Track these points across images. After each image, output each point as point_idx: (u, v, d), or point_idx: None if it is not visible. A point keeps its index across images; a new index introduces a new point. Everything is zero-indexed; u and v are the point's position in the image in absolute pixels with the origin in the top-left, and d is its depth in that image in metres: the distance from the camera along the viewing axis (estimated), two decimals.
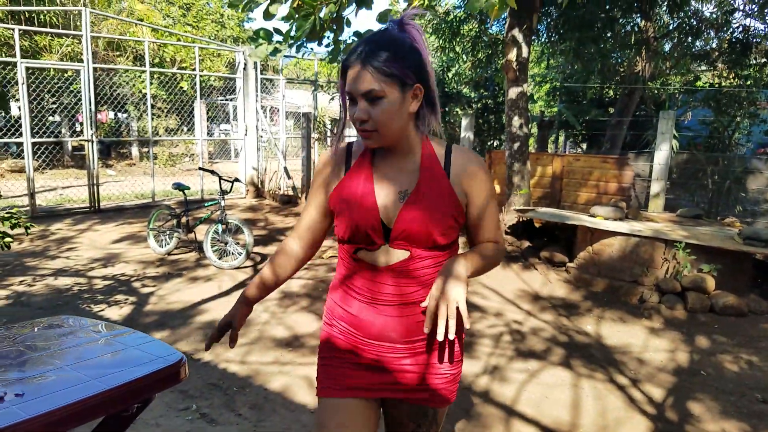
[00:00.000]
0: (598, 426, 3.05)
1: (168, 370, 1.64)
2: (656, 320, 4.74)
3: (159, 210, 6.47)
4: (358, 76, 1.35)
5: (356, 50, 1.37)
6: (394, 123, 1.39)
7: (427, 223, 1.41)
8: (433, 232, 1.42)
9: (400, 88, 1.37)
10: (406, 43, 1.38)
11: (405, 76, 1.36)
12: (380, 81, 1.34)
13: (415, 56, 1.38)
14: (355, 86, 1.36)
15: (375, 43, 1.36)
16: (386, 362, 1.50)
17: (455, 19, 10.29)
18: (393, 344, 1.49)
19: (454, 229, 1.47)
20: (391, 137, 1.42)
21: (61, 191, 11.15)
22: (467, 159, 1.50)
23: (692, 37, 10.39)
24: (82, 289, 5.07)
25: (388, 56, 1.34)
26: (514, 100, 6.41)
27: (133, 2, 16.60)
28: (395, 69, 1.35)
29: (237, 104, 10.59)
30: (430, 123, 1.47)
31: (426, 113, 1.45)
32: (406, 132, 1.45)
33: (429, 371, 1.51)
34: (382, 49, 1.35)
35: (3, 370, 1.65)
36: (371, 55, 1.34)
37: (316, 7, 4.92)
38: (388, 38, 1.38)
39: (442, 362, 1.51)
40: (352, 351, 1.53)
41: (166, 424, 2.89)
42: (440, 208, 1.43)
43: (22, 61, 8.00)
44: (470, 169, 1.49)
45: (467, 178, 1.48)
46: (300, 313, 4.63)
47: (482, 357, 3.92)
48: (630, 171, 6.91)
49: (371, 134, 1.40)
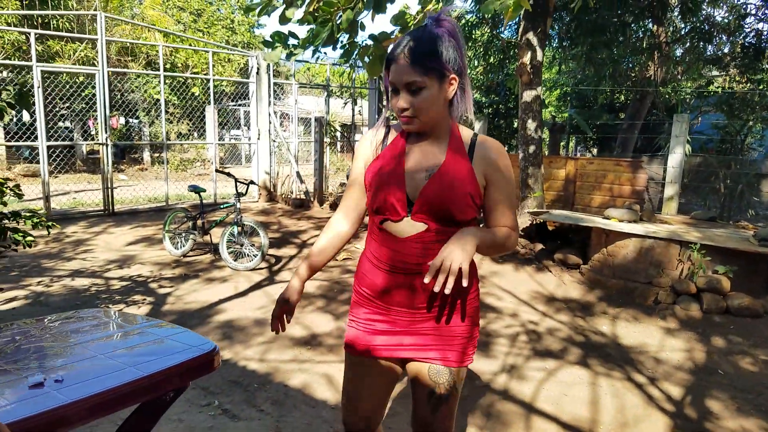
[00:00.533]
0: (617, 423, 3.06)
1: (202, 358, 1.68)
2: (671, 321, 4.74)
3: (174, 212, 6.53)
4: (402, 69, 1.51)
5: (399, 45, 1.53)
6: (432, 110, 1.55)
7: (445, 199, 1.55)
8: (451, 207, 1.55)
9: (439, 79, 1.52)
10: (444, 39, 1.53)
11: (443, 68, 1.52)
12: (421, 74, 1.50)
13: (451, 50, 1.53)
14: (398, 78, 1.53)
15: (417, 39, 1.52)
16: (404, 326, 1.67)
17: (467, 24, 10.34)
18: (410, 310, 1.65)
19: (471, 208, 1.59)
20: (428, 123, 1.58)
21: (74, 195, 11.26)
22: (490, 146, 1.63)
23: (704, 41, 10.38)
24: (99, 290, 5.13)
25: (428, 51, 1.50)
26: (528, 103, 6.44)
27: (145, 8, 16.77)
28: (435, 63, 1.50)
29: (250, 109, 10.66)
30: (462, 109, 1.61)
31: (458, 101, 1.60)
32: (441, 118, 1.60)
33: (443, 333, 1.66)
34: (422, 45, 1.50)
35: (41, 358, 1.69)
36: (413, 51, 1.50)
37: (333, 13, 4.97)
38: (428, 35, 1.52)
39: (455, 325, 1.66)
40: (375, 315, 1.70)
41: (188, 419, 2.93)
42: (459, 188, 1.56)
43: (38, 65, 8.11)
44: (492, 156, 1.62)
45: (488, 163, 1.61)
46: (316, 313, 4.67)
47: (499, 356, 3.93)
48: (644, 174, 6.91)
49: (411, 120, 1.57)
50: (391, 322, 1.68)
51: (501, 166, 1.61)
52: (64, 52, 14.24)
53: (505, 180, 1.62)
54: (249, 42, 23.12)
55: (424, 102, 1.53)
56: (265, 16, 5.27)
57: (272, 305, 4.84)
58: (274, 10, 5.21)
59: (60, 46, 14.25)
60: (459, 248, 1.47)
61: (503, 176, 1.62)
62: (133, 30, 15.34)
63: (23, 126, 12.78)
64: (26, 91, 3.27)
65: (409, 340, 1.67)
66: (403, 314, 1.66)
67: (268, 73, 10.15)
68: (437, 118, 1.58)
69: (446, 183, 1.56)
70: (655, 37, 10.42)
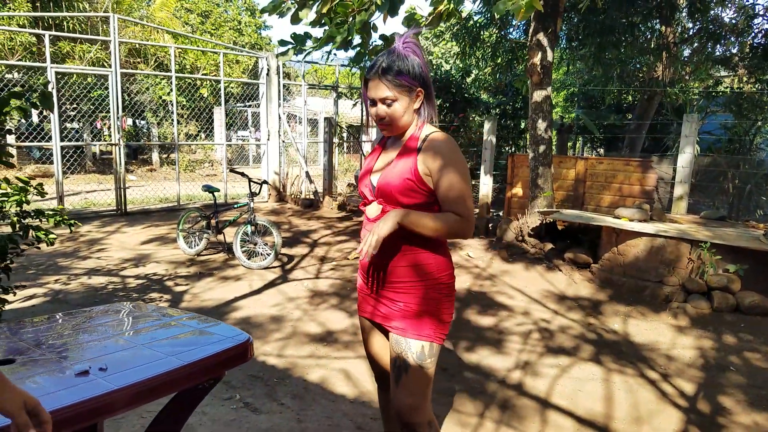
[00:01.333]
0: (631, 417, 3.11)
1: (238, 348, 1.74)
2: (682, 319, 4.78)
3: (188, 212, 6.61)
4: (377, 86, 1.86)
5: (374, 66, 1.86)
6: (404, 118, 1.90)
7: (390, 185, 1.88)
8: (394, 191, 1.88)
9: (408, 93, 1.87)
10: (410, 58, 1.87)
11: (411, 84, 1.86)
12: (393, 89, 1.85)
13: (417, 67, 1.87)
14: (375, 93, 1.88)
15: (388, 60, 1.85)
16: (374, 295, 2.01)
17: (475, 25, 10.38)
18: (378, 282, 1.98)
19: (415, 192, 1.87)
20: (401, 128, 1.94)
21: (85, 195, 11.36)
22: (432, 140, 1.89)
23: (713, 42, 10.39)
24: (116, 288, 5.21)
25: (397, 70, 1.84)
26: (538, 103, 6.49)
27: (154, 10, 16.88)
28: (404, 80, 1.85)
29: (260, 109, 10.73)
30: (428, 113, 1.96)
31: (425, 108, 1.94)
32: (410, 122, 1.94)
33: (403, 307, 1.93)
34: (393, 65, 1.84)
35: (82, 348, 1.76)
36: (386, 71, 1.84)
37: (348, 15, 5.04)
38: (396, 56, 1.86)
39: (414, 300, 1.91)
40: (363, 284, 2.07)
41: (212, 412, 2.99)
42: (403, 175, 1.87)
43: (52, 66, 8.21)
44: (431, 148, 1.87)
45: (428, 155, 1.87)
46: (331, 311, 4.73)
47: (513, 353, 3.98)
48: (653, 174, 6.95)
49: (387, 126, 1.93)
50: (369, 290, 2.04)
51: (440, 156, 1.85)
52: (75, 53, 14.36)
53: (444, 168, 1.84)
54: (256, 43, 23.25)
55: (396, 112, 1.87)
56: (277, 16, 5.34)
57: (286, 303, 4.92)
58: (287, 11, 5.28)
59: (70, 48, 14.37)
60: (380, 224, 1.79)
61: (442, 165, 1.84)
62: (142, 32, 15.46)
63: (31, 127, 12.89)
64: (49, 92, 3.35)
65: (381, 308, 1.99)
66: (374, 284, 2.00)
67: (278, 74, 10.23)
68: (408, 123, 1.93)
69: (392, 174, 1.89)
70: (664, 37, 10.44)
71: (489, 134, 7.81)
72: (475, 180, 8.72)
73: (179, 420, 1.83)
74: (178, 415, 1.80)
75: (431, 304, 1.92)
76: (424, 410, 1.93)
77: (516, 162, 7.88)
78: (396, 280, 1.94)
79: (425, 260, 1.91)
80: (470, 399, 3.28)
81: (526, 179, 7.33)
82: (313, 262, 6.31)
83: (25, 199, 3.51)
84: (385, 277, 1.96)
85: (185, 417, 1.83)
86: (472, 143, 11.33)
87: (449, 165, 1.84)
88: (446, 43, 16.20)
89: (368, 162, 2.07)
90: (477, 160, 9.73)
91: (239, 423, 2.89)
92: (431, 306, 1.92)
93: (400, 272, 1.93)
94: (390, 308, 1.96)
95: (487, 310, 4.91)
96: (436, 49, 17.85)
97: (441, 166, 1.84)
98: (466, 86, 12.08)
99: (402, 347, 1.91)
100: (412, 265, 1.91)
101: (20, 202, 3.46)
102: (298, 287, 5.38)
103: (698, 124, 7.00)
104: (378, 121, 1.92)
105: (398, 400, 1.92)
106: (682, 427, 3.04)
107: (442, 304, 1.93)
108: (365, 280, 2.06)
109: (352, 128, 14.17)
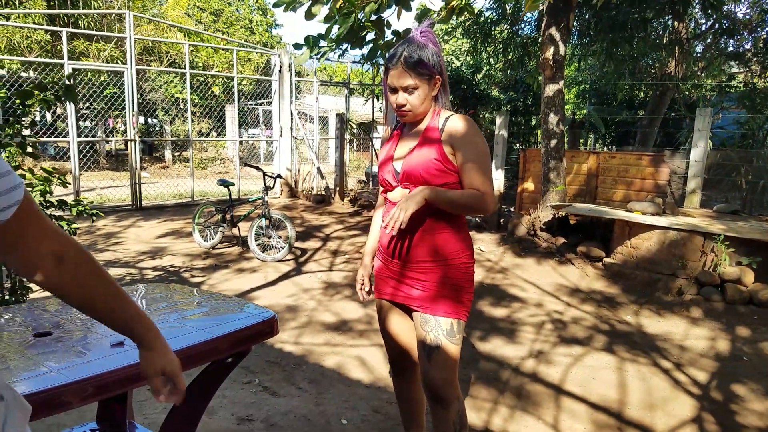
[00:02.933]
0: (645, 404, 3.14)
1: (264, 324, 1.80)
2: (695, 311, 4.79)
3: (203, 206, 6.70)
4: (399, 74, 1.92)
5: (396, 55, 1.93)
6: (423, 105, 1.97)
7: (417, 167, 1.95)
8: (422, 172, 1.94)
9: (428, 81, 1.94)
10: (429, 48, 1.93)
11: (431, 72, 1.93)
12: (415, 78, 1.92)
13: (435, 57, 1.94)
14: (397, 81, 1.94)
15: (408, 50, 1.92)
16: (398, 276, 2.06)
17: (487, 21, 10.41)
18: (399, 261, 2.03)
19: (442, 171, 1.94)
20: (420, 115, 2.00)
21: (99, 191, 11.50)
22: (456, 121, 1.96)
23: (726, 37, 10.35)
24: (134, 279, 5.30)
25: (418, 59, 1.90)
26: (550, 97, 6.51)
27: (167, 9, 17.02)
28: (425, 68, 1.92)
29: (272, 106, 10.82)
30: (444, 101, 2.04)
31: (441, 95, 2.03)
32: (428, 109, 2.01)
33: (427, 286, 1.99)
34: (414, 54, 1.91)
35: None
36: (408, 60, 1.91)
37: (356, 5, 5.09)
38: (416, 45, 1.93)
39: (438, 279, 1.97)
40: (382, 265, 2.13)
41: (232, 395, 3.06)
42: (428, 156, 1.94)
43: (69, 63, 8.34)
44: (454, 128, 1.95)
45: (451, 133, 1.94)
46: (345, 301, 4.79)
47: (526, 343, 4.03)
48: (666, 168, 6.95)
49: (407, 113, 1.99)
50: (391, 271, 2.09)
51: (461, 134, 1.93)
52: (90, 52, 14.51)
53: (467, 145, 1.92)
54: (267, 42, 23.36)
55: (417, 99, 1.94)
56: (291, 11, 5.39)
57: (301, 294, 4.99)
58: (300, 6, 5.34)
59: (85, 46, 14.52)
60: (406, 199, 1.85)
61: (465, 142, 1.92)
62: (155, 29, 15.59)
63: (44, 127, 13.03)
64: (73, 85, 3.43)
65: (404, 288, 2.05)
66: (396, 264, 2.05)
67: (290, 71, 10.30)
68: (426, 110, 2.00)
69: (417, 159, 1.96)
70: (676, 33, 10.41)
71: (500, 129, 7.84)
72: None
73: (209, 392, 1.90)
74: (208, 386, 1.87)
75: (455, 283, 1.98)
76: (455, 384, 2.01)
77: (528, 157, 7.90)
78: (419, 260, 1.99)
79: (447, 241, 1.98)
80: (485, 386, 3.33)
81: (537, 174, 7.36)
82: (326, 255, 6.38)
83: (49, 190, 3.60)
84: (408, 258, 2.01)
85: (213, 390, 1.90)
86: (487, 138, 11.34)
87: (470, 143, 1.93)
88: (457, 40, 16.22)
89: (387, 150, 2.12)
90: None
91: (259, 405, 2.96)
92: (455, 285, 1.99)
93: (422, 253, 1.98)
94: (414, 288, 2.01)
95: (500, 302, 4.95)
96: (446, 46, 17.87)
97: (462, 143, 1.92)
98: (477, 82, 12.10)
99: (432, 325, 1.98)
100: (435, 245, 1.98)
101: (44, 192, 3.55)
102: (312, 279, 5.45)
103: (711, 119, 6.99)
104: (398, 108, 1.98)
105: (431, 375, 1.98)
106: (696, 413, 3.07)
107: (464, 283, 2.01)
108: (386, 262, 2.11)
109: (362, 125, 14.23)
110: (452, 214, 1.99)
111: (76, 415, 2.69)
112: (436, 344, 1.96)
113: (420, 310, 2.01)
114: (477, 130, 1.96)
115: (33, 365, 1.45)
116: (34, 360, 1.48)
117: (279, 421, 2.81)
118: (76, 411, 2.72)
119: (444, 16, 5.29)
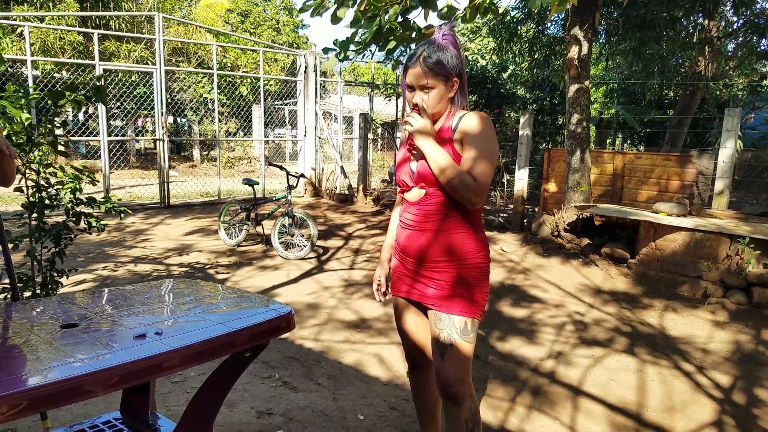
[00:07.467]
0: (664, 407, 3.12)
1: (281, 319, 1.85)
2: (720, 314, 4.72)
3: (229, 205, 6.83)
4: (417, 74, 1.96)
5: (415, 55, 1.98)
6: (439, 105, 2.01)
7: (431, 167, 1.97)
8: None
9: (445, 82, 1.98)
10: (449, 50, 1.97)
11: (448, 73, 1.97)
12: (432, 78, 1.95)
13: (454, 59, 1.98)
14: (415, 81, 1.98)
15: (428, 50, 1.96)
16: (413, 274, 2.09)
17: (513, 20, 10.36)
18: (417, 260, 2.06)
19: None
20: (435, 114, 2.03)
21: (128, 189, 11.75)
22: (468, 116, 1.99)
23: (758, 35, 10.11)
24: (161, 275, 5.42)
25: (437, 60, 1.94)
26: (575, 97, 6.46)
27: (199, 10, 17.29)
28: (443, 69, 1.95)
29: (297, 106, 10.93)
30: (462, 102, 2.06)
31: (459, 96, 2.05)
32: (444, 110, 2.04)
33: (442, 285, 2.01)
34: (433, 55, 1.95)
35: (140, 316, 1.90)
36: (426, 60, 1.94)
37: (381, 8, 5.12)
38: (436, 46, 1.97)
39: (453, 278, 2.00)
40: (398, 263, 2.17)
41: (252, 389, 3.13)
42: None
43: (101, 64, 8.55)
44: (466, 123, 1.97)
45: (462, 129, 1.97)
46: (364, 300, 4.84)
47: (546, 343, 4.02)
48: (693, 169, 6.83)
49: (422, 112, 2.00)
50: (407, 269, 2.11)
51: (473, 127, 1.95)
52: (120, 52, 14.84)
53: (473, 136, 1.95)
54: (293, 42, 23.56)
55: (434, 99, 1.98)
56: (317, 16, 5.45)
57: (321, 291, 5.05)
58: (326, 10, 5.39)
59: (115, 47, 14.86)
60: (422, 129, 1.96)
61: (472, 134, 1.95)
62: (185, 31, 15.86)
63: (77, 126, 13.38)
64: (103, 86, 3.54)
65: (419, 287, 2.08)
66: (411, 263, 2.08)
67: (315, 72, 10.39)
68: (442, 111, 2.03)
69: None
70: (706, 31, 10.21)
71: (525, 128, 7.80)
72: (509, 175, 8.71)
73: (228, 384, 1.96)
74: (228, 377, 1.93)
75: (469, 283, 2.01)
76: (468, 383, 2.03)
77: (552, 157, 7.85)
78: (435, 259, 2.03)
79: (462, 240, 2.00)
80: (502, 385, 3.34)
81: (562, 174, 7.30)
82: (348, 254, 6.43)
83: (79, 187, 3.71)
84: (424, 257, 2.04)
85: (232, 382, 1.96)
86: (509, 139, 11.30)
87: (478, 135, 1.95)
88: (482, 39, 16.15)
89: (405, 150, 2.16)
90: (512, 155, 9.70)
91: (278, 399, 3.02)
92: (470, 284, 2.02)
93: (438, 252, 2.01)
94: (429, 287, 2.04)
95: (521, 303, 4.94)
96: (472, 45, 17.81)
97: (471, 137, 1.95)
98: (502, 81, 12.04)
99: (446, 323, 2.00)
100: (450, 245, 2.01)
101: (74, 190, 3.66)
102: (332, 277, 5.51)
103: (740, 119, 6.85)
104: (414, 107, 2.02)
105: (445, 373, 2.01)
106: (716, 417, 3.03)
107: (480, 282, 2.04)
108: (402, 260, 2.14)
109: (386, 125, 14.28)
110: (468, 214, 2.01)
111: (102, 406, 2.78)
112: (450, 342, 1.99)
113: (434, 308, 2.03)
114: (489, 126, 1.97)
115: (61, 355, 1.52)
116: (62, 350, 1.55)
117: (297, 416, 2.86)
118: (102, 402, 2.82)
119: (468, 15, 5.29)
